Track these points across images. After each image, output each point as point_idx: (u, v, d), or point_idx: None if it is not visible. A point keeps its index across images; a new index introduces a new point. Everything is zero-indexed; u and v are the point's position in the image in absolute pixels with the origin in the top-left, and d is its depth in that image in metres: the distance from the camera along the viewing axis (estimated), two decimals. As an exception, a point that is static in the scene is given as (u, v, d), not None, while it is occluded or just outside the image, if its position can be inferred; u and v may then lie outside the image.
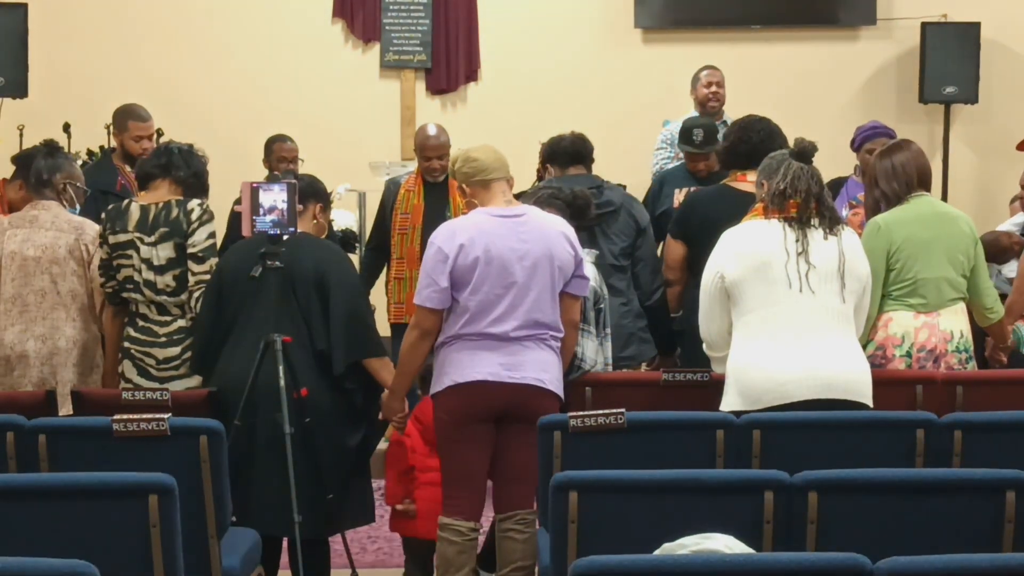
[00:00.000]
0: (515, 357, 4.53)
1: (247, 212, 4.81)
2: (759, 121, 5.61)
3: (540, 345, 4.58)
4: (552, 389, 4.59)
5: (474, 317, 4.53)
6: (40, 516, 3.58)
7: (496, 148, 4.74)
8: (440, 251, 4.55)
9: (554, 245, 4.59)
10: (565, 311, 4.66)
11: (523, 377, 4.53)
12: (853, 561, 2.86)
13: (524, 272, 4.54)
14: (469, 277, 4.52)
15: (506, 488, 4.65)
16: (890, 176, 5.28)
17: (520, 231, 4.58)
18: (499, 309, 4.52)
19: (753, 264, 4.51)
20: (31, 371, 5.35)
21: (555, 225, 4.68)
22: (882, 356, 5.14)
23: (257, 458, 4.77)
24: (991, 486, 3.54)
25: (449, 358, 4.58)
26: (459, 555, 4.58)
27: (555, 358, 4.63)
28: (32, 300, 5.38)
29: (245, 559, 4.32)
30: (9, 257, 5.42)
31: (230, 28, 9.48)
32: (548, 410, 4.51)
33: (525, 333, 4.54)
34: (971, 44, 9.12)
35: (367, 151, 8.65)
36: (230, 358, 4.88)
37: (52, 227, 5.44)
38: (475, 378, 4.52)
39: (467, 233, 4.56)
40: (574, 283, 4.66)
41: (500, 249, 4.54)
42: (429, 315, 4.58)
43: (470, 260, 4.51)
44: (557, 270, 4.59)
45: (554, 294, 4.61)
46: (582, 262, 4.68)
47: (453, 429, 4.58)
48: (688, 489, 3.57)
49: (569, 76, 9.43)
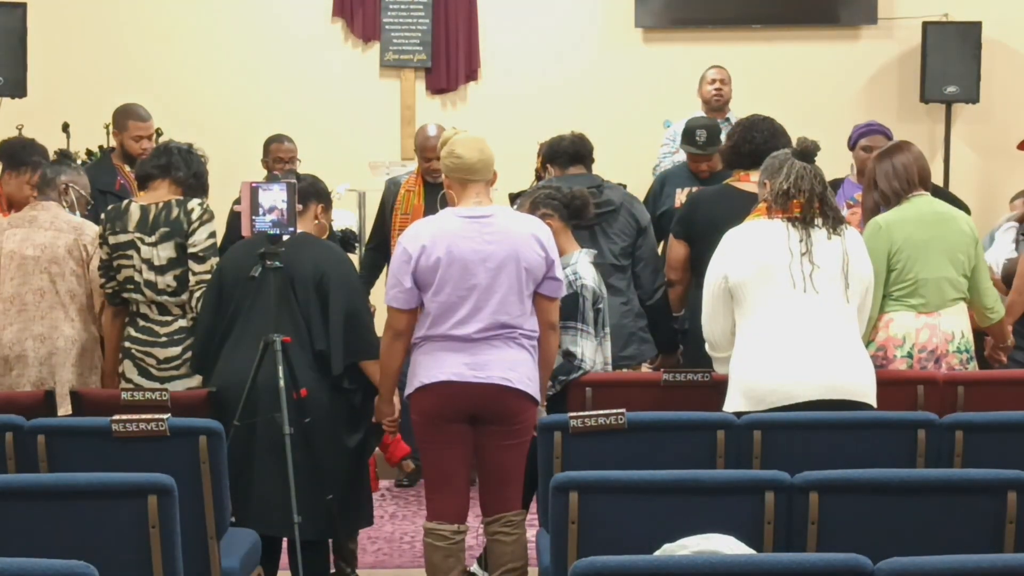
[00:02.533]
0: (480, 356, 4.48)
1: (247, 212, 4.80)
2: (763, 121, 5.60)
3: (509, 344, 4.51)
4: (520, 388, 4.50)
5: (437, 319, 4.50)
6: (40, 516, 3.58)
7: (484, 146, 4.63)
8: (404, 251, 4.52)
9: (521, 246, 4.52)
10: (541, 313, 4.60)
11: (488, 376, 4.47)
12: (854, 561, 2.86)
13: (487, 274, 4.48)
14: (431, 278, 4.49)
15: (489, 491, 4.62)
16: (890, 176, 5.28)
17: (485, 232, 4.51)
18: (462, 311, 4.48)
19: (757, 264, 4.50)
20: (29, 371, 5.34)
21: (525, 226, 4.60)
22: (883, 356, 5.13)
23: (256, 458, 4.77)
24: (992, 486, 3.54)
25: (418, 360, 4.57)
26: (446, 559, 4.54)
27: (526, 356, 4.55)
28: (31, 299, 5.38)
29: (244, 560, 4.32)
30: (8, 256, 5.42)
31: (230, 28, 9.47)
32: (519, 410, 4.50)
33: (490, 335, 4.49)
34: (972, 44, 9.12)
35: (367, 151, 8.64)
36: (230, 358, 4.87)
37: (51, 227, 5.44)
38: (440, 378, 4.48)
39: (430, 235, 4.52)
40: (546, 284, 4.58)
41: (462, 251, 4.49)
42: (398, 315, 4.57)
43: (432, 261, 4.48)
44: (524, 272, 4.51)
45: (522, 296, 4.53)
46: (554, 263, 4.58)
47: (428, 431, 4.55)
48: (689, 489, 3.57)
49: (569, 76, 9.43)
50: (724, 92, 7.92)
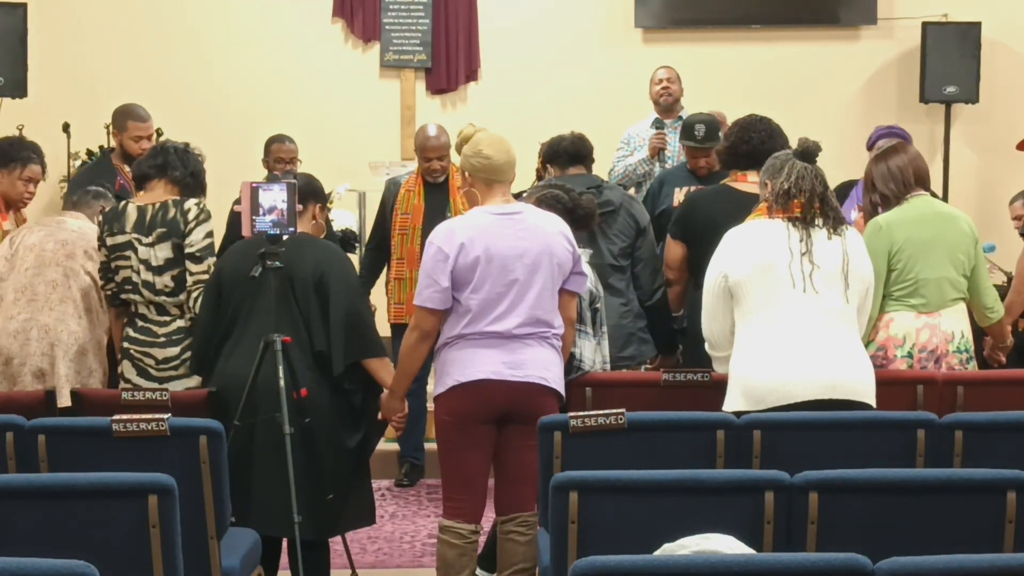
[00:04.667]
0: (517, 355, 4.52)
1: (247, 212, 4.80)
2: (760, 121, 5.60)
3: (542, 343, 4.57)
4: (554, 387, 4.59)
5: (476, 316, 4.52)
6: (40, 516, 3.58)
7: (509, 146, 4.68)
8: (440, 251, 4.53)
9: (552, 242, 4.59)
10: (563, 308, 4.66)
11: (526, 375, 4.52)
12: (853, 561, 2.86)
13: (525, 269, 4.53)
14: (470, 276, 4.51)
15: (507, 490, 4.64)
16: (887, 178, 5.28)
17: (518, 229, 4.57)
18: (501, 307, 4.51)
19: (757, 264, 4.51)
20: (32, 360, 5.34)
21: (552, 223, 4.67)
22: (883, 356, 5.14)
23: (257, 458, 4.77)
24: (992, 486, 3.54)
25: (451, 358, 4.56)
26: (460, 558, 4.57)
27: (556, 356, 4.62)
28: (42, 290, 5.41)
29: (245, 559, 4.32)
30: (28, 248, 5.48)
31: (230, 28, 9.48)
32: (550, 409, 4.51)
33: (527, 331, 4.53)
34: (972, 44, 9.13)
35: (367, 151, 8.65)
36: (229, 358, 4.87)
37: (77, 230, 5.54)
38: (478, 377, 4.50)
39: (467, 232, 4.54)
40: (572, 280, 4.65)
41: (500, 247, 4.53)
42: (429, 316, 4.57)
43: (471, 259, 4.50)
44: (556, 267, 4.58)
45: (554, 291, 4.60)
46: (579, 259, 4.68)
47: (455, 431, 4.57)
48: (688, 489, 3.56)
49: (569, 76, 9.44)
50: (672, 91, 7.81)
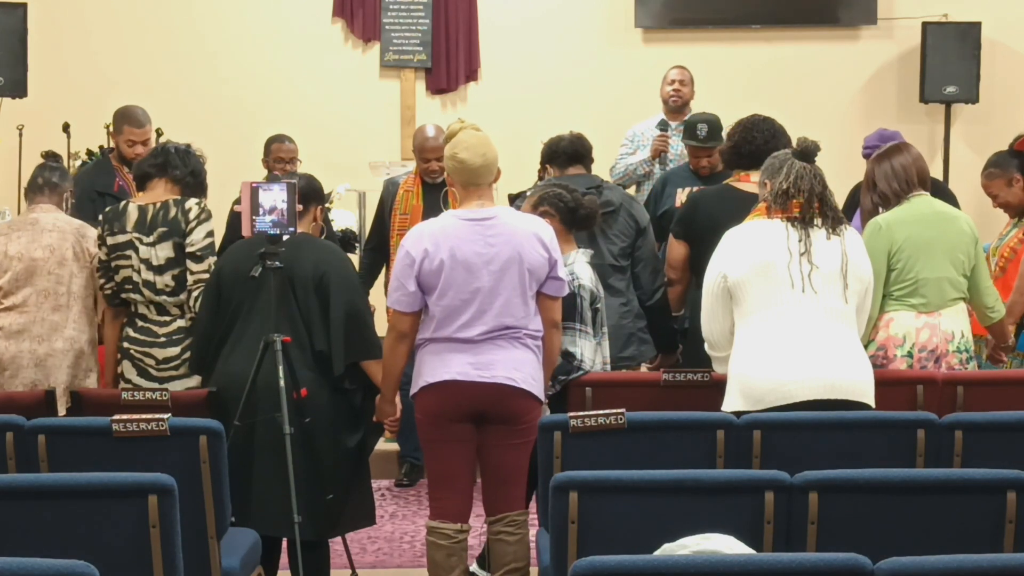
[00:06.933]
0: (485, 356, 4.49)
1: (247, 212, 4.80)
2: (763, 121, 5.60)
3: (513, 344, 4.53)
4: (525, 387, 4.52)
5: (442, 322, 4.51)
6: (40, 516, 3.58)
7: (488, 147, 4.60)
8: (408, 254, 4.53)
9: (523, 247, 4.52)
10: (544, 312, 4.61)
11: (493, 376, 4.49)
12: (853, 561, 2.86)
13: (491, 277, 4.49)
14: (435, 281, 4.50)
15: (493, 491, 4.62)
16: (889, 177, 5.28)
17: (488, 234, 4.52)
18: (466, 315, 4.49)
19: (756, 264, 4.50)
20: (23, 372, 5.32)
21: (528, 226, 4.60)
22: (883, 356, 5.14)
23: (257, 458, 4.77)
24: (992, 486, 3.54)
25: (422, 359, 4.58)
26: (448, 558, 4.55)
27: (531, 356, 4.56)
28: (33, 301, 5.37)
29: (245, 559, 4.32)
30: (16, 259, 5.40)
31: (230, 28, 9.48)
32: (524, 409, 4.50)
33: (495, 336, 4.50)
34: (972, 44, 9.12)
35: (367, 151, 8.65)
36: (229, 358, 4.87)
37: (55, 228, 5.44)
38: (445, 378, 4.49)
39: (433, 237, 4.52)
40: (549, 284, 4.58)
41: (466, 253, 4.49)
42: (401, 318, 4.58)
43: (435, 264, 4.48)
44: (527, 273, 4.51)
45: (525, 297, 4.53)
46: (557, 263, 4.60)
47: (432, 430, 4.56)
48: (688, 489, 3.56)
49: (569, 76, 9.43)
50: (683, 93, 7.82)
